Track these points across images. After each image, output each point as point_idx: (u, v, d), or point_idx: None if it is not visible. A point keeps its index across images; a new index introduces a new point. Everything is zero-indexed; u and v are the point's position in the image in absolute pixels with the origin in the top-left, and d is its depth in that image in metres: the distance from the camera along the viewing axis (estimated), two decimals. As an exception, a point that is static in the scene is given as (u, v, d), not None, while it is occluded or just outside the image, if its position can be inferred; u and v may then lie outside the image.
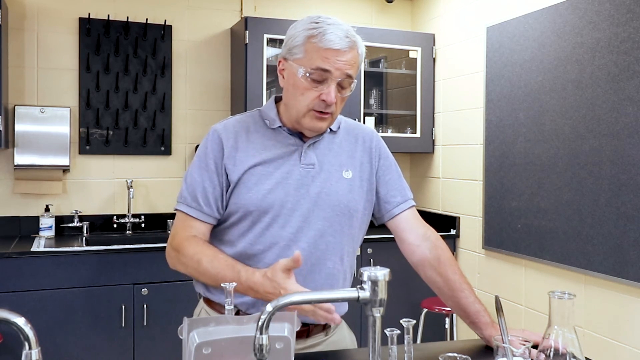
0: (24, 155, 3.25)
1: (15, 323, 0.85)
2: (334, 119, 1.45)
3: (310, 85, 1.36)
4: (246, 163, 1.41)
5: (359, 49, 1.39)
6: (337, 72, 1.34)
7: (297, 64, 1.37)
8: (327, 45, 1.33)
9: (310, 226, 1.41)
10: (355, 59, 1.37)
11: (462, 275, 1.46)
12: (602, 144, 2.55)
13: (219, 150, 1.43)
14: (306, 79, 1.35)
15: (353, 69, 1.37)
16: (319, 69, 1.34)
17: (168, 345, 2.96)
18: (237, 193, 1.41)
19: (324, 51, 1.33)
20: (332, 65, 1.34)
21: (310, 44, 1.35)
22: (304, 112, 1.39)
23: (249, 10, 3.76)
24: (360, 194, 1.48)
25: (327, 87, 1.35)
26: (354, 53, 1.37)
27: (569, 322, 1.04)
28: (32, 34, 3.38)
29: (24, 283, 2.82)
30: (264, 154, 1.43)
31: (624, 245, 2.44)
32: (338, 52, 1.33)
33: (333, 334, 1.51)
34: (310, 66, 1.34)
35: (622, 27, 2.46)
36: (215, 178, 1.42)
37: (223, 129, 1.46)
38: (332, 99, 1.35)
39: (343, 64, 1.34)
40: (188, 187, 1.45)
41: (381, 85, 3.90)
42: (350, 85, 1.39)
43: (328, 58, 1.33)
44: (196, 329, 1.06)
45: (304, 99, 1.37)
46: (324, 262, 1.43)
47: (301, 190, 1.42)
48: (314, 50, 1.34)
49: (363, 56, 1.42)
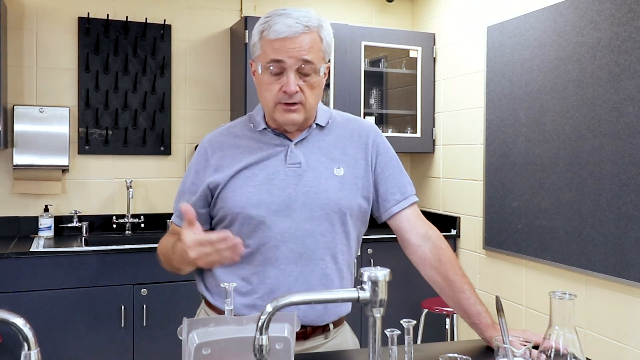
0: (23, 155, 3.25)
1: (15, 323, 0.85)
2: (308, 108, 1.40)
3: (270, 79, 1.36)
4: (232, 168, 1.43)
5: (320, 33, 1.37)
6: (291, 60, 1.33)
7: (257, 62, 1.39)
8: (275, 36, 1.33)
9: (298, 226, 1.40)
10: (312, 43, 1.35)
11: (463, 276, 1.44)
12: (603, 143, 2.54)
13: (204, 161, 1.47)
14: (266, 73, 1.36)
15: (311, 54, 1.34)
16: (272, 61, 1.34)
17: (168, 345, 2.95)
18: (224, 198, 1.42)
19: (274, 42, 1.33)
20: (285, 54, 1.33)
21: (263, 39, 1.36)
22: (272, 107, 1.39)
23: (248, 10, 3.75)
24: (354, 191, 1.45)
25: (286, 78, 1.35)
26: (309, 37, 1.34)
27: (569, 322, 1.03)
28: (31, 33, 3.38)
29: (23, 283, 2.81)
30: (250, 157, 1.43)
31: (625, 245, 2.44)
32: (286, 39, 1.33)
33: (334, 336, 1.49)
34: (266, 60, 1.35)
35: (623, 27, 2.45)
36: (195, 189, 1.47)
37: (209, 140, 1.51)
38: (292, 88, 1.34)
39: (296, 50, 1.33)
40: (176, 196, 1.54)
41: (381, 85, 3.89)
42: (315, 72, 1.37)
43: (278, 49, 1.33)
44: (196, 330, 1.05)
45: (269, 94, 1.38)
46: (316, 261, 1.41)
47: (287, 190, 1.40)
48: (266, 44, 1.35)
49: (328, 38, 1.40)
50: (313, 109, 1.43)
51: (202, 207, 1.47)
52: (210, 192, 1.45)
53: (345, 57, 3.56)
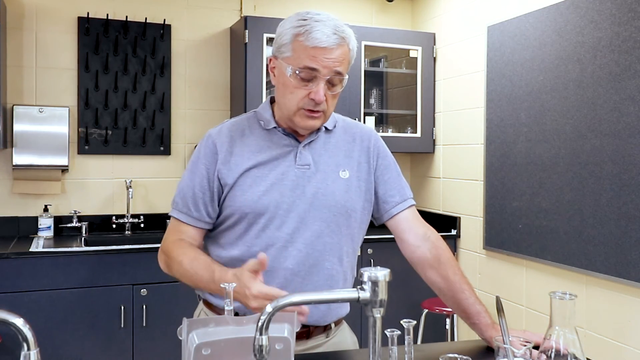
0: (22, 155, 3.24)
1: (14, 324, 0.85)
2: (327, 116, 1.42)
3: (299, 84, 1.35)
4: (241, 166, 1.41)
5: (350, 45, 1.37)
6: (325, 70, 1.33)
7: (285, 63, 1.36)
8: (314, 44, 1.31)
9: (307, 227, 1.40)
10: (344, 55, 1.35)
11: (462, 276, 1.45)
12: (604, 143, 2.54)
13: (212, 155, 1.44)
14: (295, 77, 1.35)
15: (342, 65, 1.35)
16: (306, 67, 1.33)
17: (167, 346, 2.95)
18: (233, 196, 1.41)
19: (311, 50, 1.32)
20: (320, 64, 1.32)
21: (298, 43, 1.33)
22: (294, 110, 1.38)
23: (248, 10, 3.75)
24: (358, 193, 1.47)
25: (315, 86, 1.34)
26: (342, 49, 1.35)
27: (570, 322, 1.03)
28: (30, 33, 3.37)
29: (22, 283, 2.81)
30: (259, 156, 1.43)
31: (626, 245, 2.43)
32: (325, 50, 1.32)
33: (334, 335, 1.50)
34: (298, 65, 1.33)
35: (624, 27, 2.45)
36: (206, 183, 1.44)
37: (217, 134, 1.46)
38: (321, 97, 1.34)
39: (331, 61, 1.33)
40: (179, 192, 1.48)
41: (381, 85, 3.89)
42: (340, 82, 1.38)
43: (315, 57, 1.32)
44: (195, 330, 1.05)
45: (294, 98, 1.36)
46: (322, 263, 1.42)
47: (297, 191, 1.41)
48: (301, 49, 1.33)
49: (355, 50, 1.40)
50: (329, 117, 1.45)
51: (213, 202, 1.45)
52: (221, 187, 1.43)
53: (345, 57, 3.55)
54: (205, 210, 1.44)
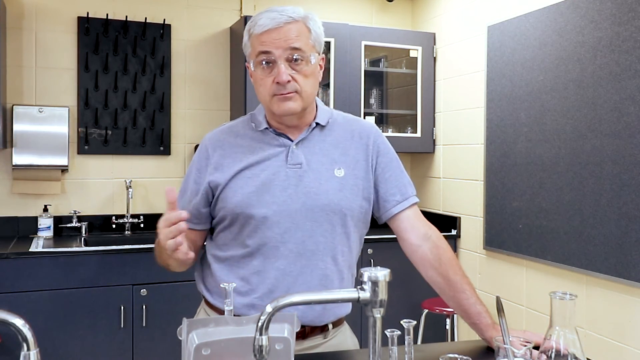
0: (22, 155, 3.24)
1: (14, 324, 0.85)
2: (304, 97, 1.40)
3: (262, 73, 1.38)
4: (233, 168, 1.43)
5: (307, 22, 1.39)
6: (278, 50, 1.35)
7: (249, 60, 1.41)
8: (260, 30, 1.36)
9: (298, 227, 1.39)
10: (298, 32, 1.37)
11: (463, 276, 1.44)
12: (604, 143, 2.53)
13: (204, 159, 1.47)
14: (257, 68, 1.39)
15: (298, 41, 1.36)
16: (260, 53, 1.37)
17: (167, 346, 2.95)
18: (225, 198, 1.42)
19: (260, 36, 1.37)
20: (271, 46, 1.35)
21: (251, 37, 1.40)
22: (269, 100, 1.40)
23: (248, 9, 3.75)
24: (354, 192, 1.45)
25: (277, 68, 1.36)
26: (294, 26, 1.37)
27: (570, 322, 1.03)
28: (30, 33, 3.37)
29: (22, 284, 2.80)
30: (251, 157, 1.43)
31: (626, 245, 2.43)
32: (272, 31, 1.35)
33: (333, 336, 1.49)
34: (255, 54, 1.38)
35: (624, 26, 2.45)
36: (197, 187, 1.47)
37: (210, 138, 1.50)
38: (283, 77, 1.35)
39: (282, 40, 1.35)
40: (178, 195, 1.51)
41: (381, 85, 3.89)
42: (304, 59, 1.38)
43: (264, 41, 1.36)
44: (195, 330, 1.05)
45: (264, 89, 1.39)
46: (315, 262, 1.41)
47: (288, 191, 1.40)
48: (254, 39, 1.39)
49: (317, 27, 1.41)
50: (310, 97, 1.43)
51: (204, 207, 1.47)
52: (212, 191, 1.45)
53: (345, 57, 3.55)
54: (197, 212, 1.46)
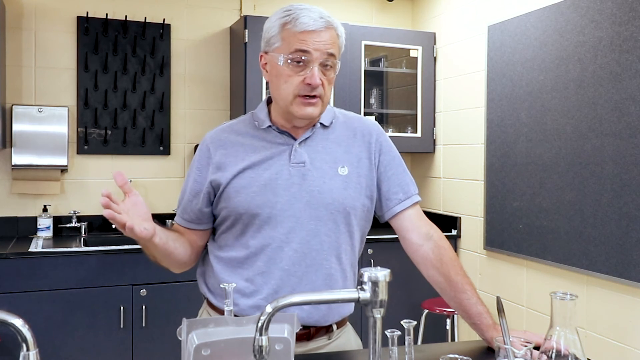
0: (21, 155, 3.24)
1: (13, 324, 0.85)
2: (325, 103, 1.40)
3: (292, 71, 1.35)
4: (235, 167, 1.41)
5: (337, 30, 1.38)
6: (317, 52, 1.33)
7: (276, 53, 1.37)
8: (302, 28, 1.33)
9: (303, 226, 1.38)
10: (333, 39, 1.36)
11: (464, 276, 1.43)
12: (604, 143, 2.53)
13: (206, 159, 1.45)
14: (288, 65, 1.35)
15: (334, 47, 1.36)
16: (297, 51, 1.33)
17: (167, 346, 2.94)
18: (227, 198, 1.41)
19: (300, 34, 1.33)
20: (311, 46, 1.33)
21: (286, 31, 1.35)
22: (290, 99, 1.37)
23: (248, 9, 3.75)
24: (358, 190, 1.44)
25: (310, 70, 1.34)
26: (331, 33, 1.36)
27: (571, 323, 1.03)
28: (30, 33, 3.37)
29: (21, 284, 2.80)
30: (253, 156, 1.42)
31: (627, 245, 2.43)
32: (314, 32, 1.33)
33: (337, 337, 1.48)
34: (290, 51, 1.34)
35: (625, 26, 2.44)
36: (198, 187, 1.45)
37: (211, 137, 1.48)
38: (316, 80, 1.33)
39: (322, 44, 1.33)
40: (180, 195, 1.51)
41: (382, 85, 3.88)
42: (334, 67, 1.37)
43: (305, 40, 1.33)
44: (195, 330, 1.05)
45: (289, 86, 1.36)
46: (320, 262, 1.40)
47: (291, 190, 1.39)
48: (291, 35, 1.34)
49: (343, 38, 1.41)
50: (326, 105, 1.44)
51: (206, 206, 1.45)
52: (213, 191, 1.43)
53: (345, 57, 3.55)
54: (198, 213, 1.45)
